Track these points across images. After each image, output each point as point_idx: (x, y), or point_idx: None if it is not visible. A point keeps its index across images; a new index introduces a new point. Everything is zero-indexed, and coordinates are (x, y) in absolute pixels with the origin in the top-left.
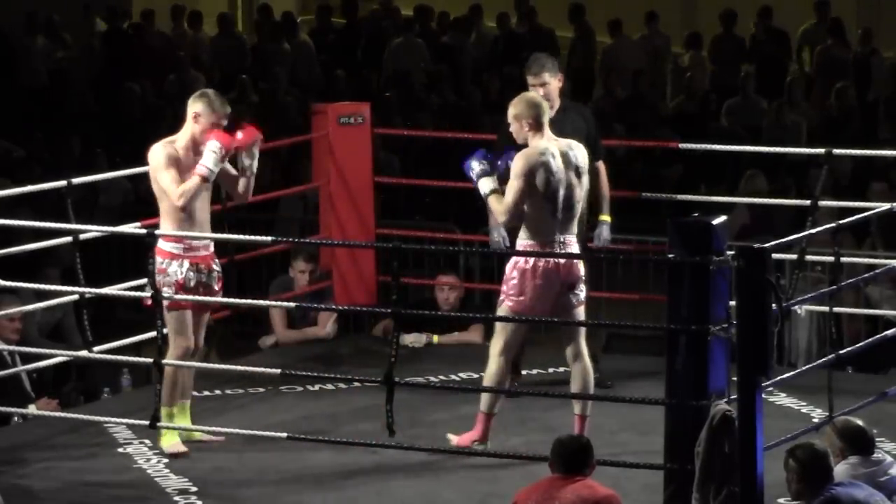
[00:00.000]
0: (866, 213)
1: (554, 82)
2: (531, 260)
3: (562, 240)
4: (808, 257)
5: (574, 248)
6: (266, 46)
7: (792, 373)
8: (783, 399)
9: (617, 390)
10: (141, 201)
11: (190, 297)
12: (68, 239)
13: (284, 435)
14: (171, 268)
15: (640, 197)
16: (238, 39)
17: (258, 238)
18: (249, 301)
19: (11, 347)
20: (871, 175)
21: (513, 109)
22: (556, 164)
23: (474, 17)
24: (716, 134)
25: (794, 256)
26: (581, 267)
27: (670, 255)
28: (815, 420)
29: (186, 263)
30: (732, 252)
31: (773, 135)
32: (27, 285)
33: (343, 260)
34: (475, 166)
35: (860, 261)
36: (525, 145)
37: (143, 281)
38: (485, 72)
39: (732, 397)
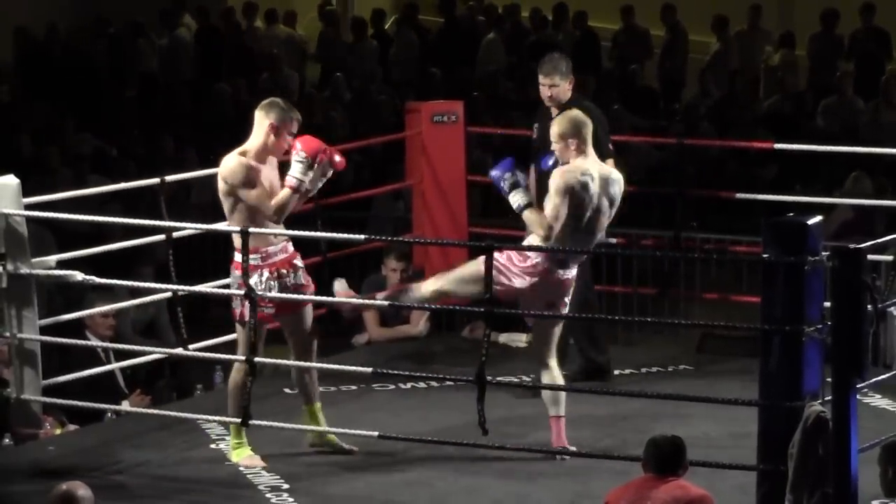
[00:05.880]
0: None
1: (564, 84)
2: (547, 263)
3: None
4: None
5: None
6: (359, 44)
7: (887, 374)
8: (878, 400)
9: (710, 390)
10: None
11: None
12: (162, 237)
13: (376, 433)
14: (252, 280)
15: (735, 197)
16: (332, 38)
17: (351, 236)
18: (342, 299)
19: (106, 344)
20: None
21: (557, 127)
22: (594, 188)
23: (560, 14)
24: (811, 134)
25: (890, 258)
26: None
27: (765, 255)
28: None
29: (266, 273)
30: (827, 252)
31: (870, 135)
32: (121, 283)
33: (436, 259)
34: (506, 177)
35: None
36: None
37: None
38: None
39: (826, 398)
